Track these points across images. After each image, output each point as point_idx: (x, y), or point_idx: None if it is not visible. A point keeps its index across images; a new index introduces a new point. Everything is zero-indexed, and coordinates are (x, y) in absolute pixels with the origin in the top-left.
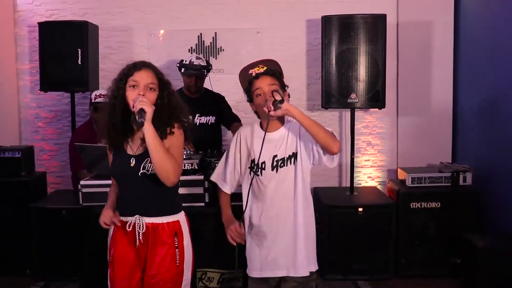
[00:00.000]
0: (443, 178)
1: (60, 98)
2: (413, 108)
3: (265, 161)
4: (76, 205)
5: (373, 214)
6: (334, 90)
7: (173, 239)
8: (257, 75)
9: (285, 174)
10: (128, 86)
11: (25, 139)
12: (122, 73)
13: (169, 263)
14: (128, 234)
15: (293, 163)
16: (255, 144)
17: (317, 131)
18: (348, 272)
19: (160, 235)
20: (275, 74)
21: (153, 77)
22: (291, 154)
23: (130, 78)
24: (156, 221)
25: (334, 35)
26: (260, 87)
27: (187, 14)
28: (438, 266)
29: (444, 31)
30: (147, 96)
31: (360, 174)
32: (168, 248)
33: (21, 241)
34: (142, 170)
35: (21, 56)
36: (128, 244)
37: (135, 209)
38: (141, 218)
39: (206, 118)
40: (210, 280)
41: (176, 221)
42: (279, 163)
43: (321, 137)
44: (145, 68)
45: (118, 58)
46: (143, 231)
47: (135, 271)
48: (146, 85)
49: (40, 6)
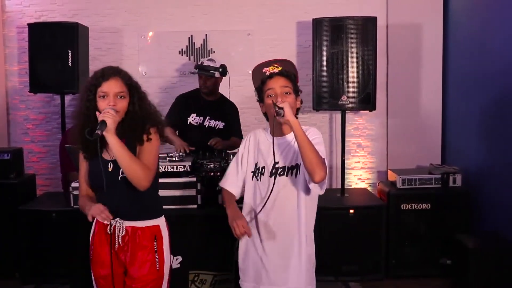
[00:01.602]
0: (433, 180)
1: (49, 100)
2: (402, 110)
3: (265, 166)
4: (66, 207)
5: (364, 215)
6: (325, 92)
7: (152, 243)
8: (271, 74)
9: (284, 184)
10: (98, 97)
11: (14, 141)
12: (91, 83)
13: (150, 267)
14: (108, 237)
15: (296, 175)
16: (261, 148)
17: (306, 151)
18: (339, 273)
19: (140, 239)
20: (289, 76)
21: (121, 85)
22: (294, 165)
23: (99, 89)
24: (136, 225)
25: (325, 38)
26: (272, 87)
27: (178, 16)
28: (429, 266)
29: (433, 33)
30: (118, 104)
31: (351, 176)
32: (148, 253)
33: (10, 244)
34: (122, 174)
35: (10, 57)
36: (107, 246)
37: (115, 213)
38: (121, 221)
39: (215, 122)
40: (202, 283)
41: (156, 225)
42: (279, 171)
43: (309, 158)
44: (113, 77)
45: (108, 59)
46: (122, 234)
47: (116, 271)
48: (116, 94)
49: (29, 7)
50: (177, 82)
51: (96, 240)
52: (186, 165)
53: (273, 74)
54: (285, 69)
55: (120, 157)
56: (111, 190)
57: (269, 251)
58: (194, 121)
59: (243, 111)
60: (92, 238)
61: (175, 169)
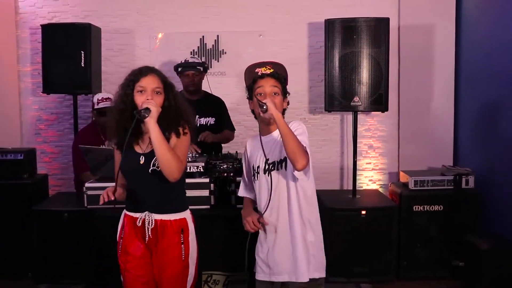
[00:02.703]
0: (446, 181)
1: (62, 101)
2: (414, 111)
3: (259, 165)
4: (79, 207)
5: (375, 216)
6: (337, 93)
7: (179, 235)
8: (262, 74)
9: (277, 178)
10: (136, 92)
11: (26, 142)
12: (128, 79)
13: (177, 258)
14: (137, 229)
15: (286, 168)
16: (253, 150)
17: (288, 141)
18: (350, 274)
19: (168, 231)
20: (279, 78)
21: (158, 81)
22: (282, 158)
23: (137, 84)
24: (164, 218)
25: (337, 39)
26: (262, 86)
27: (189, 16)
28: (440, 268)
29: (446, 34)
30: (155, 99)
31: (362, 177)
32: (175, 244)
33: (22, 244)
34: (152, 167)
35: (23, 58)
36: (137, 238)
37: (144, 206)
38: (150, 214)
39: (206, 119)
40: (215, 283)
41: (183, 218)
42: (270, 167)
43: (289, 147)
44: (150, 73)
45: (120, 60)
46: (152, 226)
47: (146, 263)
48: (153, 89)
49: (42, 8)
50: None
51: (125, 233)
52: (199, 166)
53: (265, 74)
54: (276, 71)
55: (158, 144)
56: (141, 183)
57: (274, 242)
58: None
59: None
60: (121, 232)
61: (188, 169)
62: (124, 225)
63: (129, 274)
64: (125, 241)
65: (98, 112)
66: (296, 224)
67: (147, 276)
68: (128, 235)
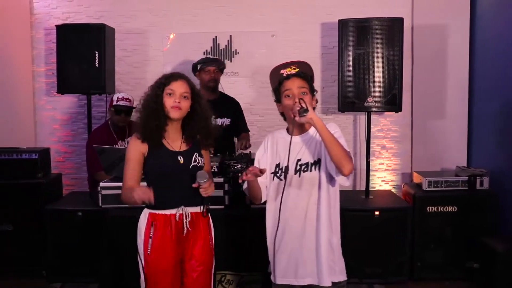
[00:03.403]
0: (460, 182)
1: (76, 101)
2: (428, 111)
3: (288, 165)
4: (92, 206)
5: (389, 217)
6: (351, 94)
7: (207, 226)
8: (288, 75)
9: (308, 179)
10: (165, 94)
11: (40, 141)
12: (159, 81)
13: (208, 249)
14: (171, 226)
15: (319, 169)
16: (280, 148)
17: (333, 147)
18: (363, 275)
19: (200, 223)
20: (306, 77)
21: (187, 87)
22: (316, 160)
23: (167, 87)
24: (197, 211)
25: (350, 39)
26: (290, 88)
27: (202, 17)
28: (454, 269)
29: (460, 34)
30: (182, 103)
31: (374, 178)
32: (206, 235)
33: (37, 242)
34: (194, 163)
35: (37, 58)
36: (170, 234)
37: (181, 201)
38: (185, 208)
39: (221, 120)
40: (229, 283)
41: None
42: (303, 168)
43: (335, 154)
44: (180, 79)
45: (133, 60)
46: (189, 219)
47: (176, 258)
48: (181, 93)
49: (57, 9)
50: None
51: (157, 232)
52: (213, 166)
53: (290, 75)
54: (301, 70)
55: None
56: (180, 180)
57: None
58: None
59: (267, 112)
60: (148, 231)
61: None
62: (151, 224)
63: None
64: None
65: (116, 110)
66: (323, 227)
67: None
68: (162, 234)
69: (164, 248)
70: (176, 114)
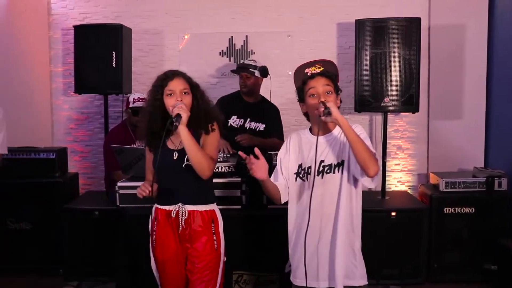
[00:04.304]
0: (478, 183)
1: (92, 100)
2: (444, 112)
3: (311, 166)
4: (109, 206)
5: (405, 218)
6: (367, 94)
7: (210, 225)
8: (312, 75)
9: (331, 181)
10: (165, 96)
11: (57, 141)
12: (156, 85)
13: (210, 247)
14: (171, 221)
15: (342, 171)
16: (303, 148)
17: (358, 148)
18: (379, 276)
19: (200, 221)
20: (330, 76)
21: (184, 82)
22: (340, 162)
23: (166, 88)
24: (196, 209)
25: (367, 39)
26: (314, 87)
27: (218, 17)
28: (472, 271)
29: (478, 34)
30: (184, 100)
31: (390, 178)
32: (208, 233)
33: (54, 241)
34: (186, 162)
35: (55, 59)
36: (170, 230)
37: (177, 198)
38: (183, 206)
39: (256, 124)
40: (246, 283)
41: (212, 209)
42: (326, 169)
43: (360, 155)
44: (176, 77)
45: (149, 61)
46: (185, 217)
47: (178, 253)
48: (181, 91)
49: (74, 9)
50: (217, 83)
51: (159, 226)
52: (230, 166)
53: (315, 74)
54: (326, 69)
55: (189, 147)
56: (175, 176)
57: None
58: (234, 123)
59: (283, 112)
60: (153, 224)
61: (219, 169)
62: (156, 218)
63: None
64: (159, 233)
65: (133, 111)
66: (344, 230)
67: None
68: (163, 228)
69: (165, 241)
70: None
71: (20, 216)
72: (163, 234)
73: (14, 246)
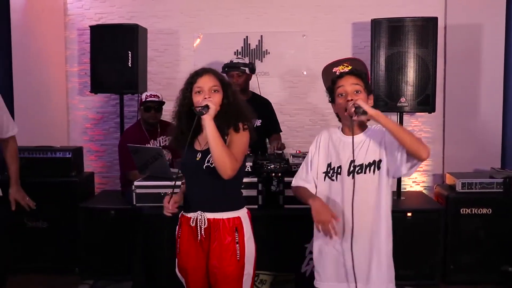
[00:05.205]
0: (495, 184)
1: (107, 100)
2: (461, 112)
3: (341, 166)
4: (124, 205)
5: (421, 219)
6: (383, 94)
7: (233, 234)
8: (341, 74)
9: (363, 181)
10: (194, 93)
11: (72, 140)
12: (186, 82)
13: (230, 258)
14: (192, 229)
15: (374, 172)
16: (334, 148)
17: (404, 136)
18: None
19: (221, 230)
20: (360, 75)
21: (215, 80)
22: (371, 162)
23: (195, 85)
24: (217, 217)
25: (383, 39)
26: (342, 85)
27: (233, 17)
28: (488, 273)
29: (495, 33)
30: (213, 98)
31: (405, 179)
32: (229, 243)
33: (70, 239)
34: (206, 163)
35: (70, 58)
36: (192, 238)
37: (198, 205)
38: (203, 214)
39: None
40: (262, 283)
41: (237, 217)
42: (357, 169)
43: (409, 142)
44: (206, 73)
45: (164, 60)
46: (205, 226)
47: (200, 263)
48: (210, 88)
49: (90, 9)
50: None
51: (182, 233)
52: (246, 166)
53: (343, 73)
54: (354, 67)
55: (212, 141)
56: (196, 179)
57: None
58: None
59: (297, 112)
60: (178, 231)
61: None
62: (181, 225)
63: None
64: (181, 241)
65: (145, 107)
66: (381, 233)
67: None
68: (185, 236)
69: (187, 249)
70: None
71: (36, 215)
72: (185, 243)
73: (31, 244)
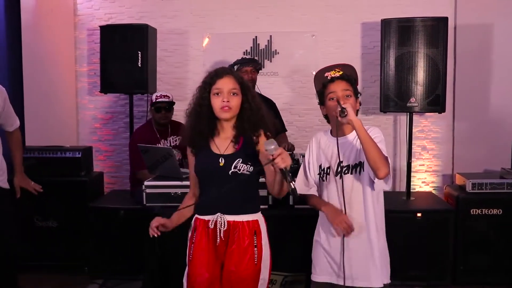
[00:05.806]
0: (505, 185)
1: (116, 100)
2: (470, 112)
3: (330, 166)
4: (134, 205)
5: (431, 219)
6: (393, 94)
7: (252, 238)
8: (332, 78)
9: (351, 181)
10: (212, 94)
11: (82, 140)
12: (204, 81)
13: (248, 261)
14: (209, 232)
15: (360, 173)
16: (323, 149)
17: (369, 148)
18: (404, 278)
19: (240, 233)
20: (350, 80)
21: (234, 82)
22: (357, 163)
23: (213, 86)
24: (237, 219)
25: (393, 38)
26: (334, 91)
27: (242, 17)
28: (499, 274)
29: (505, 34)
30: (231, 101)
31: (415, 179)
32: (247, 246)
33: (80, 239)
34: (233, 169)
35: (80, 58)
36: (207, 241)
37: (217, 207)
38: (223, 216)
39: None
40: (272, 283)
41: (255, 220)
42: (344, 170)
43: (371, 155)
44: (226, 75)
45: (174, 60)
46: (224, 228)
47: (214, 267)
48: (229, 90)
49: (99, 10)
50: None
51: (197, 237)
52: None
53: (335, 78)
54: (346, 73)
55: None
56: (218, 184)
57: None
58: None
59: (306, 112)
60: (192, 235)
61: None
62: (196, 229)
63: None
64: (195, 248)
65: (156, 107)
66: (371, 230)
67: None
68: (200, 243)
69: (202, 255)
70: (226, 115)
71: (46, 214)
72: (200, 248)
73: (41, 243)
